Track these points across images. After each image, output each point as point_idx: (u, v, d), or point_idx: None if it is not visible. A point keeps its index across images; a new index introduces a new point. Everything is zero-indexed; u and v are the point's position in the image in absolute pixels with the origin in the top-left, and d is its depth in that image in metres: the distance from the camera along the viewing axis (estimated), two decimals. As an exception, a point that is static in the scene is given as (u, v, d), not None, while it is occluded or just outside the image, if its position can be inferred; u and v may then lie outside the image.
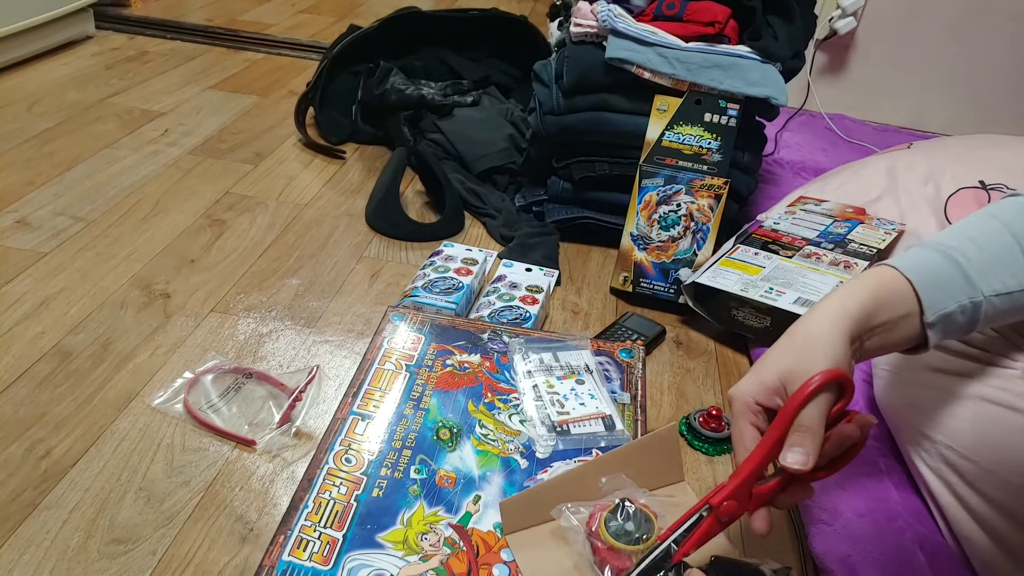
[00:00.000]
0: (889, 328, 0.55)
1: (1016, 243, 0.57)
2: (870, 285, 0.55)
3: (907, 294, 0.55)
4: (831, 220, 1.10)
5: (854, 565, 0.66)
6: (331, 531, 0.61)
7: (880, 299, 0.55)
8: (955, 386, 0.70)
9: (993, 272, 0.56)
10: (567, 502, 0.62)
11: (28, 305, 0.92)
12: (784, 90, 1.06)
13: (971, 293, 0.56)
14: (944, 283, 0.56)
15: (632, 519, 0.60)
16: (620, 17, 1.07)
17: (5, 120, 1.39)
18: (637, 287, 1.05)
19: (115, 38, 1.88)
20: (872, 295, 0.54)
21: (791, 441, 0.51)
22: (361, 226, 1.17)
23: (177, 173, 1.27)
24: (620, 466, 0.65)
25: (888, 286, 0.55)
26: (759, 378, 0.55)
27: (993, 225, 0.58)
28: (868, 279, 0.56)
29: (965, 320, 0.56)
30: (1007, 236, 0.57)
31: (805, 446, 0.51)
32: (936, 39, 1.71)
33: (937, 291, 0.55)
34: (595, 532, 0.59)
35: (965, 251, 0.57)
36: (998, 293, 0.56)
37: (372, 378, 0.78)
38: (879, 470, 0.77)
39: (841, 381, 0.52)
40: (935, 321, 0.55)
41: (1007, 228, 0.58)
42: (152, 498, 0.68)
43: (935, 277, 0.56)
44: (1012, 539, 0.63)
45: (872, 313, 0.54)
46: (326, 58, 1.45)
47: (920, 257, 0.57)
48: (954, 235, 0.59)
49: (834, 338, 0.53)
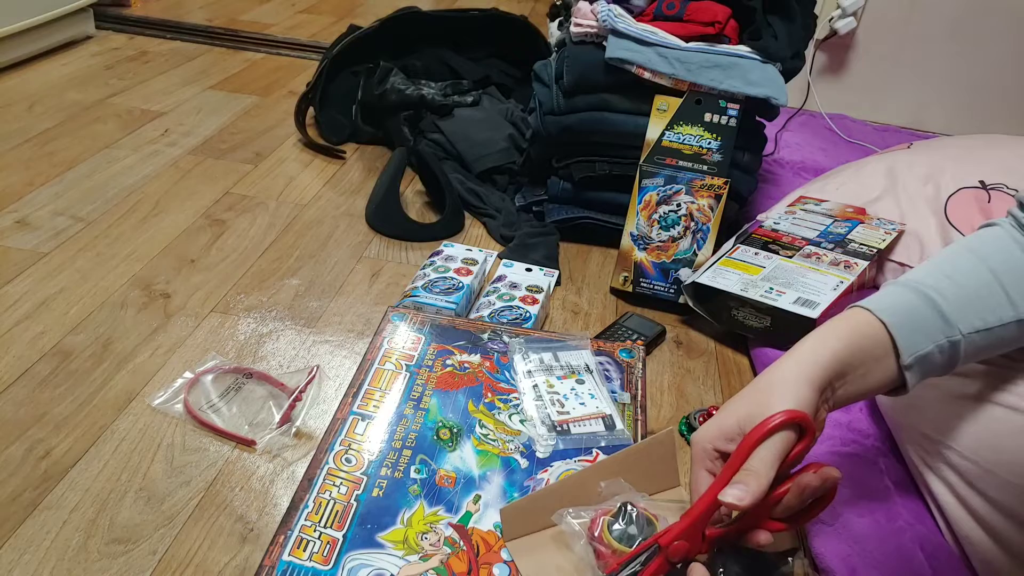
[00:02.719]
0: (863, 374, 0.54)
1: (993, 278, 0.56)
2: (843, 331, 0.54)
3: (882, 338, 0.54)
4: (831, 220, 1.10)
5: (854, 565, 0.66)
6: (331, 531, 0.61)
7: (854, 346, 0.54)
8: (956, 386, 0.70)
9: (971, 309, 0.55)
10: (567, 507, 0.62)
11: (28, 305, 0.92)
12: (784, 90, 1.06)
13: (948, 332, 0.55)
14: (920, 323, 0.54)
15: (635, 523, 0.60)
16: (620, 17, 1.07)
17: (5, 120, 1.39)
18: (637, 287, 1.05)
19: (115, 38, 1.88)
20: (846, 343, 0.53)
21: (735, 479, 0.50)
22: (361, 226, 1.17)
23: (177, 173, 1.27)
24: (618, 471, 0.65)
25: (862, 331, 0.54)
26: (718, 424, 0.54)
27: (970, 260, 0.57)
28: (841, 325, 0.55)
29: (944, 359, 0.55)
30: (984, 271, 0.57)
31: (747, 484, 0.49)
32: (936, 39, 1.71)
33: (913, 332, 0.54)
34: (598, 537, 0.59)
35: (941, 289, 0.56)
36: (977, 330, 0.55)
37: (372, 378, 0.78)
38: (879, 470, 0.77)
39: (801, 423, 0.51)
40: (912, 363, 0.54)
41: (984, 263, 0.57)
42: (152, 498, 0.68)
43: (911, 318, 0.55)
44: (1013, 539, 0.63)
45: (845, 361, 0.53)
46: (326, 58, 1.45)
47: (895, 297, 0.56)
48: (930, 272, 0.58)
49: (797, 384, 0.52)
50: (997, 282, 0.56)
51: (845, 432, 0.81)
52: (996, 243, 0.58)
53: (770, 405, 0.51)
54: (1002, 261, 0.57)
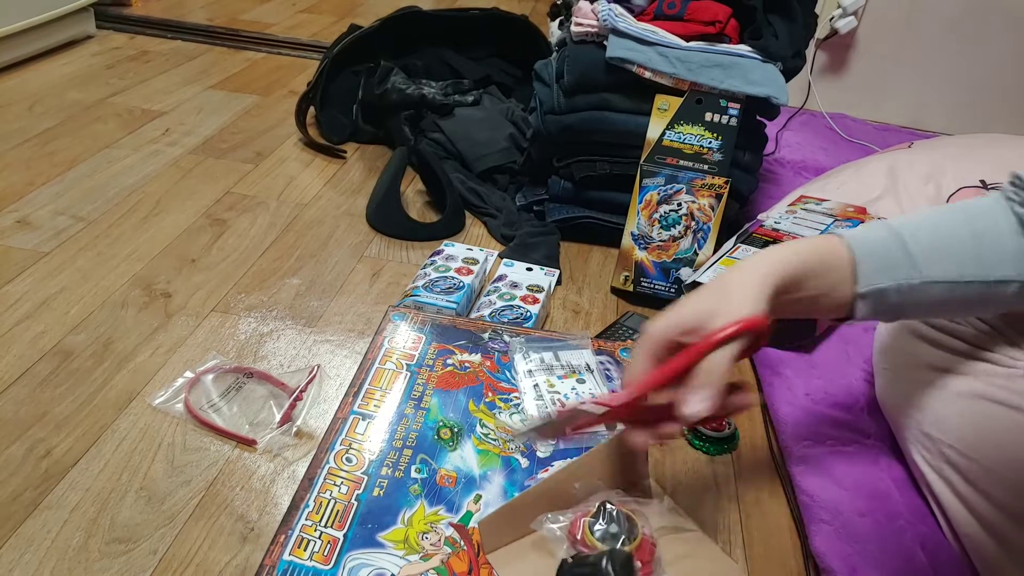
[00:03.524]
0: (815, 292, 0.55)
1: (971, 236, 0.56)
2: (810, 251, 0.55)
3: (844, 263, 0.55)
4: (832, 219, 1.10)
5: (855, 564, 0.66)
6: (332, 530, 0.61)
7: (816, 262, 0.55)
8: (956, 385, 0.70)
9: (939, 257, 0.55)
10: (545, 513, 0.62)
11: (29, 305, 0.92)
12: (785, 89, 1.06)
13: (910, 274, 0.55)
14: (886, 259, 0.55)
15: (615, 521, 0.60)
16: (621, 16, 1.07)
17: (5, 120, 1.39)
18: (638, 286, 1.05)
19: (116, 38, 1.88)
20: (807, 257, 0.54)
21: (697, 384, 0.51)
22: (362, 226, 1.17)
23: (178, 173, 1.27)
24: (589, 469, 0.65)
25: (828, 251, 0.55)
26: (677, 316, 0.54)
27: (955, 217, 0.58)
28: (811, 244, 0.56)
29: (898, 300, 0.55)
30: (965, 229, 0.57)
31: (708, 393, 0.51)
32: (936, 39, 1.71)
33: (876, 265, 0.55)
34: (581, 539, 0.59)
35: (917, 233, 0.56)
36: (938, 280, 0.55)
37: (373, 377, 0.78)
38: (880, 469, 0.77)
39: (756, 330, 0.51)
40: (866, 293, 0.55)
41: (968, 223, 0.57)
42: (153, 498, 0.68)
43: (878, 251, 0.55)
44: (1013, 538, 0.63)
45: (803, 273, 0.54)
46: (327, 58, 1.45)
47: (870, 231, 0.57)
48: (913, 218, 0.58)
49: (760, 288, 0.52)
50: (974, 240, 0.56)
51: (846, 432, 0.81)
52: (984, 208, 0.58)
53: (732, 303, 0.52)
54: (985, 225, 0.57)
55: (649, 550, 0.60)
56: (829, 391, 0.86)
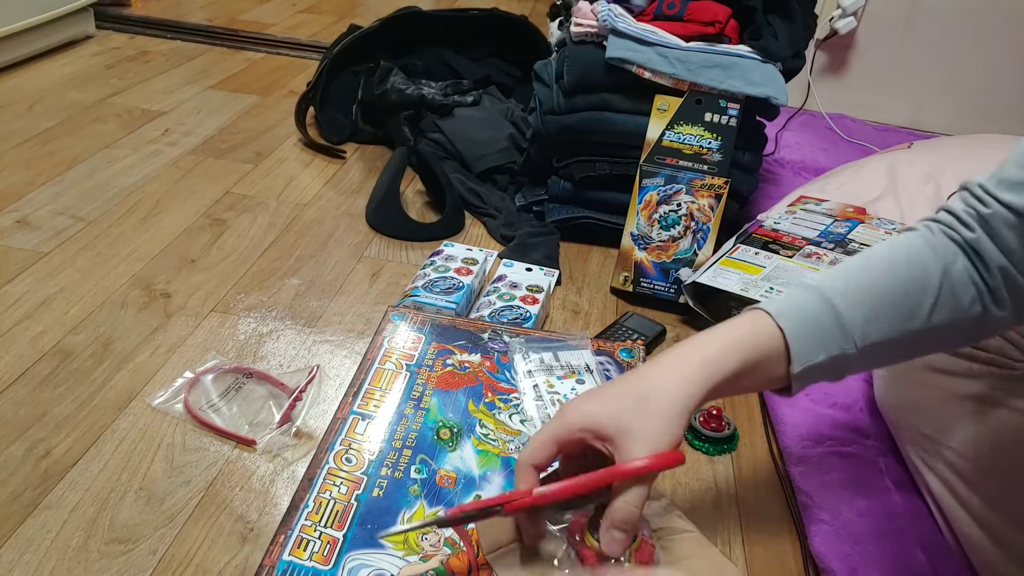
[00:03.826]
0: (749, 382, 0.54)
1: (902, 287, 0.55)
2: (741, 344, 0.53)
3: (777, 346, 0.53)
4: (831, 220, 1.10)
5: (854, 565, 0.66)
6: (331, 531, 0.61)
7: (750, 358, 0.53)
8: (955, 386, 0.70)
9: (873, 319, 0.54)
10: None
11: (28, 305, 0.92)
12: (784, 90, 1.06)
13: (844, 345, 0.54)
14: (818, 333, 0.53)
15: None
16: (620, 17, 1.07)
17: (5, 120, 1.39)
18: (637, 287, 1.05)
19: (115, 38, 1.88)
20: (743, 356, 0.53)
21: (613, 523, 0.51)
22: (361, 226, 1.17)
23: (177, 173, 1.27)
24: None
25: (761, 341, 0.54)
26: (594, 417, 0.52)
27: (881, 267, 0.56)
28: (741, 335, 0.54)
29: (833, 368, 0.54)
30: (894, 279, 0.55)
31: (625, 536, 0.51)
32: (936, 39, 1.71)
33: (809, 341, 0.53)
34: (580, 540, 0.59)
35: (847, 296, 0.54)
36: (874, 343, 0.54)
37: (372, 378, 0.78)
38: (879, 470, 0.77)
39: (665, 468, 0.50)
40: (801, 373, 0.53)
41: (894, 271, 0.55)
42: (152, 498, 0.68)
43: (809, 326, 0.54)
44: (1012, 539, 0.63)
45: (736, 377, 0.53)
46: (326, 58, 1.45)
47: (798, 302, 0.55)
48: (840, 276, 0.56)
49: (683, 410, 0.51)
50: (904, 291, 0.54)
51: (845, 432, 0.81)
52: (910, 250, 0.56)
53: (647, 431, 0.50)
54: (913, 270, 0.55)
55: (648, 551, 0.60)
56: (828, 392, 0.86)
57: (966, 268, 0.55)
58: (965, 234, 0.56)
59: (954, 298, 0.54)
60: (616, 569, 0.57)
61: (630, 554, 0.58)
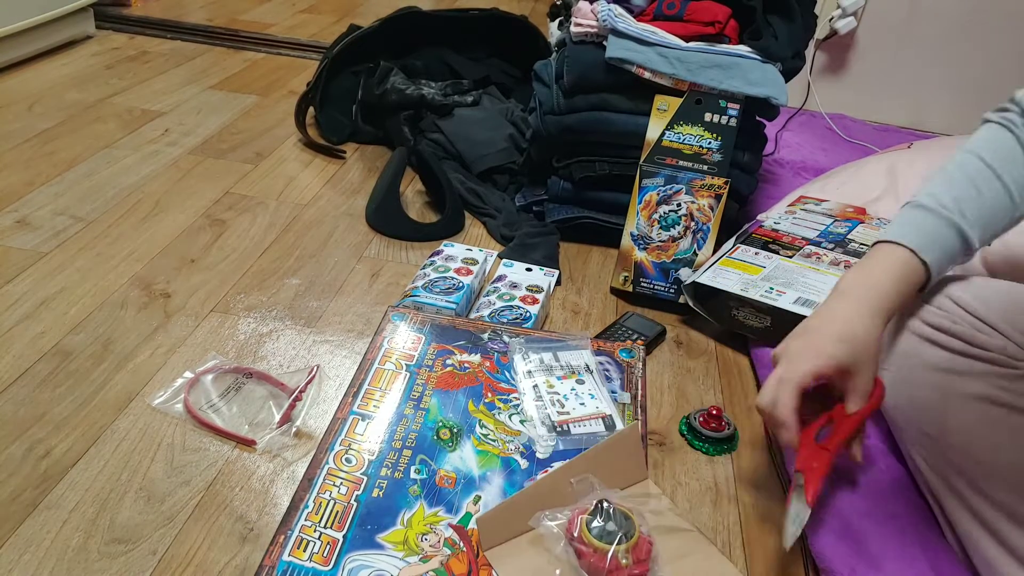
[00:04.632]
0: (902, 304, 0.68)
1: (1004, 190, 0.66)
2: (900, 279, 0.67)
3: (922, 275, 0.67)
4: (831, 220, 1.10)
5: (854, 565, 0.66)
6: (331, 531, 0.61)
7: (905, 292, 0.67)
8: (957, 386, 0.70)
9: (988, 226, 0.67)
10: (543, 510, 0.62)
11: (28, 305, 0.92)
12: (784, 90, 1.06)
13: (967, 255, 0.68)
14: (950, 253, 0.67)
15: (612, 518, 0.60)
16: (620, 17, 1.07)
17: (5, 120, 1.39)
18: (637, 287, 1.05)
19: (115, 38, 1.88)
20: (902, 292, 0.67)
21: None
22: (361, 226, 1.17)
23: (177, 173, 1.27)
24: (587, 469, 0.65)
25: (911, 277, 0.67)
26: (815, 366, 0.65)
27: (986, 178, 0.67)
28: (897, 272, 0.67)
29: (954, 265, 0.69)
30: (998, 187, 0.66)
31: None
32: (936, 39, 1.71)
33: (943, 261, 0.67)
34: (578, 537, 0.60)
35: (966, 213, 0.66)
36: (988, 240, 0.68)
37: (372, 378, 0.78)
38: (880, 470, 0.77)
39: None
40: (935, 280, 0.68)
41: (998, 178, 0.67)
42: (152, 498, 0.68)
43: (944, 252, 0.67)
44: (1014, 539, 0.63)
45: (899, 305, 0.68)
46: (326, 58, 1.45)
47: (933, 232, 0.67)
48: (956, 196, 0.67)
49: (878, 347, 0.66)
50: (1007, 193, 0.66)
51: (845, 432, 0.81)
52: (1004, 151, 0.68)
53: (867, 367, 0.66)
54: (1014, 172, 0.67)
55: (646, 548, 0.60)
56: (829, 391, 0.86)
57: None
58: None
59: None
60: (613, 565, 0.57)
61: (628, 551, 0.58)
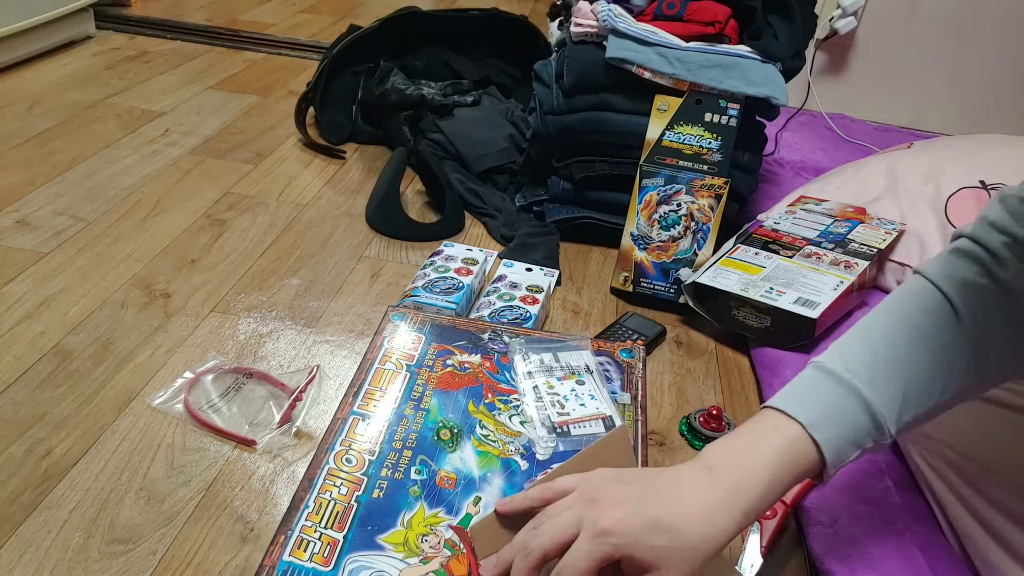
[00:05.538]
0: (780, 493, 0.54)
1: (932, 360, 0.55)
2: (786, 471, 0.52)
3: (814, 459, 0.53)
4: (831, 220, 1.10)
5: (853, 566, 0.66)
6: (332, 532, 0.61)
7: (789, 481, 0.53)
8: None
9: (907, 404, 0.54)
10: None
11: (28, 305, 0.92)
12: (784, 90, 1.06)
13: (878, 438, 0.54)
14: (852, 433, 0.54)
15: None
16: (620, 17, 1.07)
17: (5, 120, 1.39)
18: (637, 287, 1.05)
19: (115, 38, 1.88)
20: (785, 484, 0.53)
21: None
22: (361, 226, 1.17)
23: (177, 173, 1.27)
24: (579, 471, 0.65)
25: (799, 463, 0.53)
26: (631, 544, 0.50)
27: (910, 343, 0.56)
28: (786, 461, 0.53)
29: (860, 456, 0.55)
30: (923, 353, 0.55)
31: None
32: (936, 39, 1.71)
33: (844, 446, 0.53)
34: None
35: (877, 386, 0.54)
36: (907, 423, 0.55)
37: (372, 378, 0.78)
38: (879, 470, 0.77)
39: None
40: (834, 472, 0.54)
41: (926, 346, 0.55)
42: (152, 498, 0.68)
43: (845, 429, 0.54)
44: (1014, 539, 0.63)
45: (771, 502, 0.53)
46: (326, 58, 1.45)
47: (831, 405, 0.54)
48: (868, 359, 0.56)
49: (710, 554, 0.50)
50: (935, 363, 0.55)
51: (845, 432, 0.81)
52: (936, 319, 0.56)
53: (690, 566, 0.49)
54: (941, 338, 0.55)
55: None
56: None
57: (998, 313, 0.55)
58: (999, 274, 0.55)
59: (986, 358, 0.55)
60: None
61: None
